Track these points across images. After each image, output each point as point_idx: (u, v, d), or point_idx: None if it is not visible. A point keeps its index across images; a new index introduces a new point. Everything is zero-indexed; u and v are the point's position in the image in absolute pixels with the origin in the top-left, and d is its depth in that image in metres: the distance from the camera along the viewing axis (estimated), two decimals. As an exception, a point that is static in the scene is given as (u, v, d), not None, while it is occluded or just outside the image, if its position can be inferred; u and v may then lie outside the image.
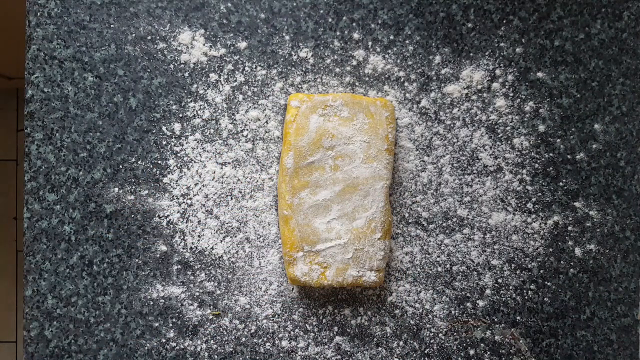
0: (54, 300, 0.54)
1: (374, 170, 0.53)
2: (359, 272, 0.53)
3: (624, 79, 0.58)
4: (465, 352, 0.56)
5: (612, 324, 0.57)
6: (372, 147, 0.53)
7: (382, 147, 0.53)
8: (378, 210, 0.53)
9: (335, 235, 0.53)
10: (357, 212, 0.53)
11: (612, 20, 0.58)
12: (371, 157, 0.53)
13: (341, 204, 0.53)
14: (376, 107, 0.54)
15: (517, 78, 0.57)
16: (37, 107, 0.54)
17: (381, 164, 0.53)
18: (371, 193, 0.53)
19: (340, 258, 0.53)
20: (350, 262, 0.53)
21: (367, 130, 0.53)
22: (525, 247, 0.57)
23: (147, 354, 0.55)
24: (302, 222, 0.53)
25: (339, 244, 0.53)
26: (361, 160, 0.53)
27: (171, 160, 0.56)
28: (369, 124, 0.53)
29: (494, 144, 0.57)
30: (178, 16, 0.55)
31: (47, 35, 0.55)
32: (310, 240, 0.53)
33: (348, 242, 0.53)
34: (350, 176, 0.53)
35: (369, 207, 0.53)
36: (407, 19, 0.57)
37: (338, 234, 0.53)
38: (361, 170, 0.53)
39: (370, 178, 0.53)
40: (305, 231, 0.53)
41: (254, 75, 0.56)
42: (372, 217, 0.53)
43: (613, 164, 0.58)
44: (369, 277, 0.53)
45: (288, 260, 0.53)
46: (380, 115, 0.53)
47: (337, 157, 0.53)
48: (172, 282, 0.55)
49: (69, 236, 0.55)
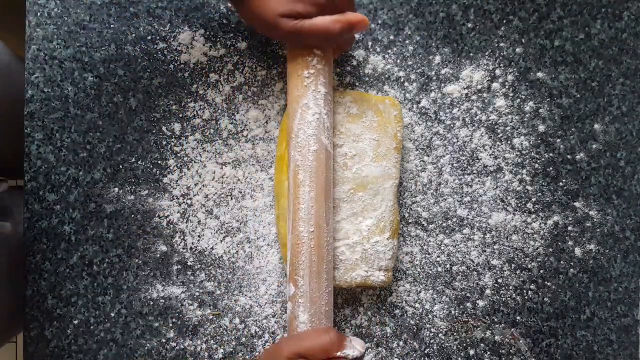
0: (54, 300, 0.54)
1: (383, 169, 0.53)
2: (367, 272, 0.53)
3: (624, 79, 0.58)
4: (465, 352, 0.56)
5: (612, 324, 0.57)
6: (382, 145, 0.53)
7: (391, 145, 0.53)
8: (387, 210, 0.53)
9: (344, 235, 0.53)
10: (367, 211, 0.53)
11: (612, 20, 0.58)
12: (380, 155, 0.53)
13: (350, 203, 0.53)
14: (385, 105, 0.53)
15: (517, 78, 0.57)
16: (37, 107, 0.54)
17: (390, 163, 0.53)
18: (380, 192, 0.53)
19: (349, 258, 0.52)
20: (359, 261, 0.52)
21: (377, 128, 0.53)
22: (525, 247, 0.57)
23: (147, 354, 0.55)
24: None
25: (347, 244, 0.53)
26: (371, 159, 0.53)
27: (171, 160, 0.56)
28: (377, 121, 0.53)
29: (494, 144, 0.57)
30: (178, 16, 0.55)
31: (47, 35, 0.55)
32: None
33: (357, 241, 0.52)
34: (360, 175, 0.53)
35: (378, 206, 0.52)
36: (407, 19, 0.57)
37: (346, 233, 0.53)
38: (371, 169, 0.53)
39: (379, 177, 0.53)
40: None
41: (254, 75, 0.56)
42: (381, 216, 0.52)
43: (613, 164, 0.58)
44: (377, 276, 0.53)
45: None
46: (389, 113, 0.53)
47: (345, 155, 0.53)
48: (172, 282, 0.55)
49: (69, 236, 0.55)
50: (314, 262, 0.48)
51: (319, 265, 0.48)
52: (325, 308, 0.49)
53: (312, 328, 0.48)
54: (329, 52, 0.50)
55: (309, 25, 0.46)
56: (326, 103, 0.49)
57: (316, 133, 0.49)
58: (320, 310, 0.48)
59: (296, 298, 0.48)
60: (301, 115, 0.49)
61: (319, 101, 0.49)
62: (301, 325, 0.48)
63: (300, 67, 0.49)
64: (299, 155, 0.49)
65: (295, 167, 0.49)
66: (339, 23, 0.46)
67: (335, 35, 0.46)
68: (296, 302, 0.48)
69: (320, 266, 0.48)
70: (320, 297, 0.48)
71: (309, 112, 0.49)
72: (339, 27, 0.46)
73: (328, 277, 0.49)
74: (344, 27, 0.46)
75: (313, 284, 0.48)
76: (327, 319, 0.49)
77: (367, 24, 0.47)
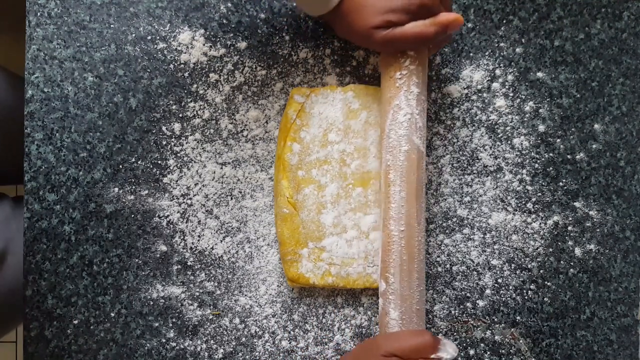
0: (54, 300, 0.54)
1: None
2: (365, 269, 0.53)
3: (624, 79, 0.58)
4: (465, 352, 0.56)
5: (612, 324, 0.57)
6: None
7: None
8: None
9: (341, 230, 0.53)
10: (368, 207, 0.53)
11: (612, 20, 0.58)
12: None
13: (349, 199, 0.53)
14: None
15: (517, 78, 0.57)
16: (37, 107, 0.54)
17: None
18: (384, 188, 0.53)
19: (346, 252, 0.52)
20: (356, 257, 0.52)
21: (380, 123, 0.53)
22: (525, 247, 0.57)
23: (147, 354, 0.55)
24: (307, 218, 0.53)
25: (346, 240, 0.53)
26: (374, 155, 0.53)
27: (171, 160, 0.55)
28: None
29: (494, 144, 0.57)
30: (178, 16, 0.55)
31: (47, 35, 0.55)
32: (315, 237, 0.53)
33: (355, 237, 0.52)
34: (361, 171, 0.53)
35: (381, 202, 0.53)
36: (407, 19, 0.57)
37: (345, 229, 0.53)
38: (374, 164, 0.53)
39: None
40: (309, 227, 0.53)
41: (254, 75, 0.56)
42: None
43: (613, 164, 0.58)
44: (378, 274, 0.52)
45: (290, 259, 0.53)
46: None
47: (345, 152, 0.53)
48: (172, 282, 0.55)
49: (69, 236, 0.55)
50: (405, 261, 0.48)
51: (410, 264, 0.48)
52: (417, 307, 0.49)
53: (403, 327, 0.48)
54: (423, 53, 0.50)
55: (400, 33, 0.46)
56: (419, 103, 0.49)
57: (407, 133, 0.48)
58: (411, 308, 0.48)
59: (387, 295, 0.49)
60: (393, 115, 0.49)
61: (410, 102, 0.49)
62: (392, 322, 0.48)
63: (393, 69, 0.49)
64: (390, 155, 0.49)
65: (387, 167, 0.49)
66: (433, 26, 0.46)
67: (430, 38, 0.47)
68: (387, 299, 0.49)
69: (411, 265, 0.48)
70: (412, 296, 0.48)
71: (401, 113, 0.48)
72: (433, 30, 0.46)
73: (419, 277, 0.49)
74: (438, 30, 0.46)
75: (404, 282, 0.48)
76: (419, 317, 0.49)
77: (460, 23, 0.47)
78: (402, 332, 0.48)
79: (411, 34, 0.46)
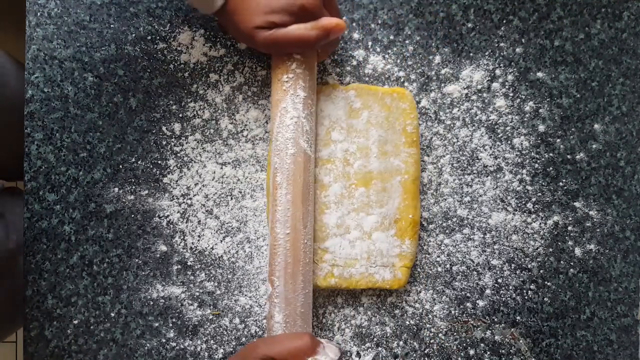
0: (54, 300, 0.54)
1: (390, 164, 0.52)
2: (367, 269, 0.53)
3: (624, 79, 0.58)
4: (465, 352, 0.56)
5: (612, 324, 0.57)
6: (389, 140, 0.52)
7: (400, 140, 0.53)
8: (394, 207, 0.52)
9: (345, 230, 0.52)
10: (370, 207, 0.53)
11: (612, 20, 0.58)
12: (387, 151, 0.53)
13: (352, 199, 0.53)
14: (392, 99, 0.53)
15: (517, 78, 0.57)
16: (37, 107, 0.54)
17: (398, 158, 0.53)
18: (387, 188, 0.52)
19: (349, 253, 0.52)
20: (359, 258, 0.52)
21: (383, 123, 0.53)
22: (525, 247, 0.57)
23: (147, 354, 0.55)
24: None
25: (349, 240, 0.53)
26: (376, 155, 0.53)
27: (171, 160, 0.56)
28: (384, 116, 0.53)
29: (494, 144, 0.57)
30: (178, 16, 0.55)
31: (47, 35, 0.55)
32: (318, 238, 0.53)
33: (358, 238, 0.52)
34: (363, 170, 0.53)
35: (384, 202, 0.52)
36: (407, 19, 0.57)
37: (348, 229, 0.53)
38: (375, 164, 0.53)
39: (385, 172, 0.52)
40: None
41: (254, 75, 0.56)
42: (386, 213, 0.52)
43: (613, 164, 0.58)
44: (381, 275, 0.52)
45: None
46: (397, 107, 0.53)
47: (349, 151, 0.53)
48: (172, 282, 0.55)
49: (69, 236, 0.55)
50: (289, 264, 0.48)
51: (294, 267, 0.49)
52: (301, 309, 0.49)
53: (287, 330, 0.48)
54: (311, 56, 0.50)
55: (283, 34, 0.46)
56: (305, 106, 0.50)
57: (294, 136, 0.49)
58: (295, 311, 0.48)
59: (272, 298, 0.49)
60: (280, 118, 0.50)
61: (297, 105, 0.49)
62: (276, 325, 0.48)
63: (280, 72, 0.50)
64: (277, 158, 0.49)
65: (274, 169, 0.50)
66: (314, 30, 0.46)
67: (312, 42, 0.47)
68: (272, 302, 0.49)
69: (296, 268, 0.49)
70: (296, 299, 0.48)
71: (288, 116, 0.49)
72: (314, 34, 0.46)
73: (305, 279, 0.49)
74: (319, 35, 0.47)
75: (288, 285, 0.48)
76: (304, 320, 0.49)
77: (342, 28, 0.47)
78: (281, 335, 0.48)
79: (292, 37, 0.46)
